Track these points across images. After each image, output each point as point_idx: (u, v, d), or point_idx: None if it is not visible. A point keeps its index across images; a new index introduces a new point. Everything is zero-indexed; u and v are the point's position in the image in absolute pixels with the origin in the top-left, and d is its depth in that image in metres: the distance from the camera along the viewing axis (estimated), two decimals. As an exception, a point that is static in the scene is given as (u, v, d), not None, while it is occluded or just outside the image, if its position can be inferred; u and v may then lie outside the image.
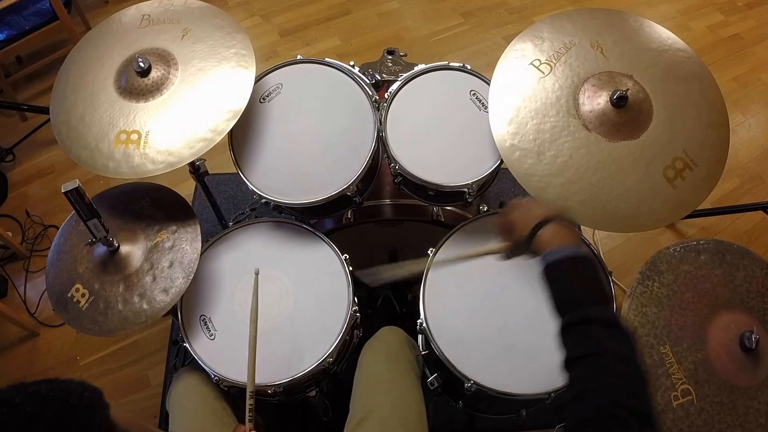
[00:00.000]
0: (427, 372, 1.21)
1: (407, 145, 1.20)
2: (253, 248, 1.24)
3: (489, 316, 1.12)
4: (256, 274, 1.02)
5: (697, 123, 1.08)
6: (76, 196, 0.94)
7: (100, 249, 1.10)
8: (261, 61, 2.04)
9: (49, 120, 1.28)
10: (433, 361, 1.19)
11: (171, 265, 1.10)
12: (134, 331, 1.22)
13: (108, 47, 1.22)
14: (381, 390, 1.08)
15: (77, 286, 1.09)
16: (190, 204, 1.19)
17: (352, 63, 1.31)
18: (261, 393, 1.10)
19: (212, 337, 1.13)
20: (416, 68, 1.28)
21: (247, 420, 0.92)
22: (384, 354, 1.15)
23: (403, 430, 1.02)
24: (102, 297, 1.08)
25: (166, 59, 1.17)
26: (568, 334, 0.68)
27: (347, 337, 1.18)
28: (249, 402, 0.93)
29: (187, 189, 2.01)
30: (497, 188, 2.03)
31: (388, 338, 1.19)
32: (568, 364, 0.66)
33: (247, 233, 1.26)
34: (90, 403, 0.45)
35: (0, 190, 2.13)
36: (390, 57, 1.55)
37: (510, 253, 0.88)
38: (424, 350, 1.18)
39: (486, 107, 1.21)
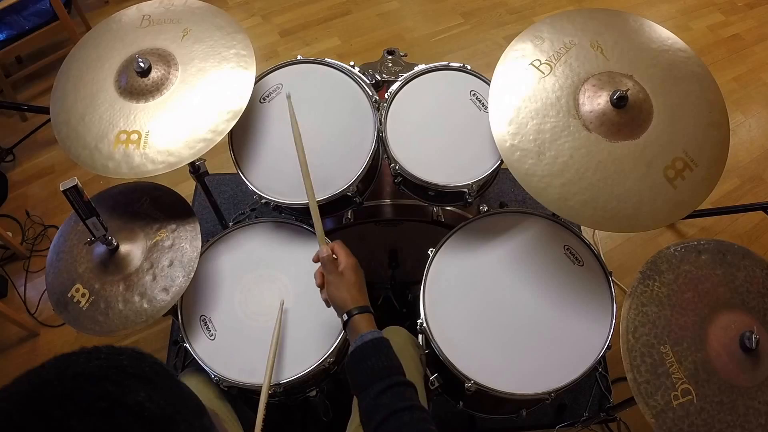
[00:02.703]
0: (428, 372, 1.21)
1: (407, 145, 1.20)
2: (254, 248, 1.24)
3: (489, 316, 1.12)
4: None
5: (697, 123, 1.08)
6: (74, 194, 0.94)
7: (100, 249, 1.10)
8: (261, 61, 2.04)
9: (49, 120, 1.28)
10: (433, 361, 1.19)
11: (171, 263, 1.10)
12: (135, 331, 1.22)
13: (108, 47, 1.22)
14: None
15: (77, 286, 1.09)
16: (190, 204, 1.19)
17: (352, 63, 1.31)
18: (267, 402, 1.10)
19: (212, 338, 1.13)
20: (416, 68, 1.28)
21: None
22: None
23: None
24: (102, 297, 1.08)
25: (167, 59, 1.17)
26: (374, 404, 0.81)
27: (348, 337, 1.18)
28: (261, 413, 0.96)
29: (187, 189, 2.01)
30: (497, 188, 2.03)
31: (391, 338, 1.18)
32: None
33: (247, 233, 1.26)
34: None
35: (0, 190, 2.13)
36: (390, 57, 1.55)
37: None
38: (424, 350, 1.18)
39: (486, 107, 1.21)
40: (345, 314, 0.93)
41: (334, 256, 0.97)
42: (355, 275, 0.95)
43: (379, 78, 1.49)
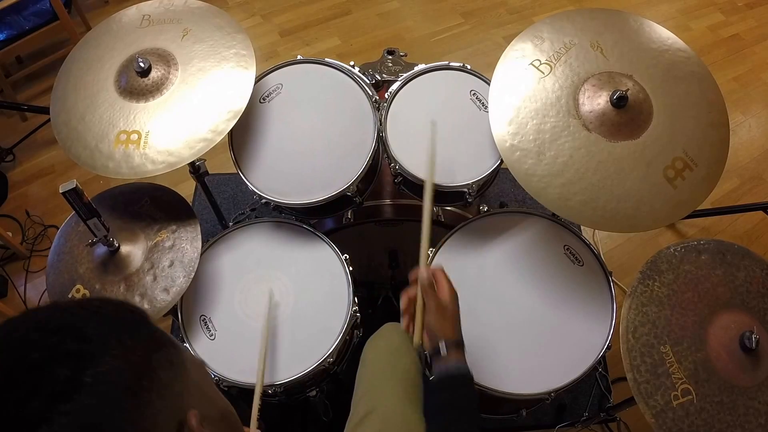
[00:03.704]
0: (427, 372, 1.21)
1: (407, 145, 1.20)
2: (254, 248, 1.24)
3: (489, 316, 1.12)
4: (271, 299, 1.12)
5: (697, 123, 1.08)
6: (74, 196, 0.94)
7: (101, 249, 1.10)
8: (261, 61, 2.04)
9: (49, 120, 1.29)
10: (433, 361, 1.19)
11: (171, 264, 1.10)
12: (134, 331, 1.22)
13: (108, 47, 1.22)
14: (383, 387, 1.08)
15: (78, 286, 1.09)
16: (191, 204, 1.19)
17: (352, 63, 1.31)
18: (261, 393, 1.10)
19: (212, 337, 1.13)
20: (416, 68, 1.28)
21: (253, 424, 0.93)
22: (386, 350, 1.15)
23: (405, 427, 1.02)
24: (102, 297, 1.08)
25: (166, 59, 1.17)
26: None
27: (347, 337, 1.18)
28: (257, 402, 0.95)
29: (187, 189, 2.01)
30: (497, 188, 2.03)
31: (389, 334, 1.18)
32: None
33: (247, 233, 1.26)
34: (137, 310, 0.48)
35: (0, 190, 2.13)
36: (390, 57, 1.55)
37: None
38: (423, 350, 1.18)
39: (486, 107, 1.21)
40: (443, 342, 0.90)
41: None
42: (457, 307, 0.93)
43: (379, 78, 1.49)
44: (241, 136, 1.23)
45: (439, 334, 0.90)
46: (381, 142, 1.22)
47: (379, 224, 1.40)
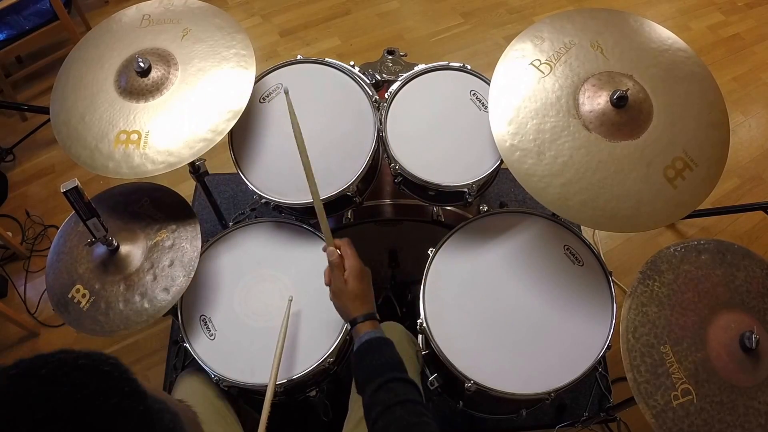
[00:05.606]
0: (428, 372, 1.21)
1: (407, 145, 1.20)
2: (254, 248, 1.24)
3: (489, 315, 1.12)
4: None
5: (697, 123, 1.08)
6: (75, 195, 0.94)
7: (100, 249, 1.10)
8: (261, 61, 2.04)
9: (49, 120, 1.29)
10: (433, 361, 1.19)
11: (171, 263, 1.10)
12: (135, 331, 1.22)
13: (108, 47, 1.22)
14: None
15: (78, 286, 1.09)
16: (190, 204, 1.19)
17: (352, 63, 1.31)
18: (261, 393, 1.10)
19: (212, 337, 1.13)
20: (416, 68, 1.28)
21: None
22: None
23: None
24: (103, 297, 1.08)
25: (166, 59, 1.17)
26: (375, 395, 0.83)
27: (347, 337, 1.18)
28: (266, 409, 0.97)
29: (187, 189, 2.01)
30: (497, 188, 2.03)
31: (387, 334, 1.19)
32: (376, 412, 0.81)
33: (247, 233, 1.26)
34: (119, 368, 0.45)
35: (0, 190, 2.13)
36: (390, 57, 1.55)
37: None
38: (424, 350, 1.18)
39: (486, 107, 1.21)
40: (348, 324, 0.94)
41: (339, 253, 0.98)
42: (359, 283, 0.95)
43: (379, 78, 1.49)
44: (241, 136, 1.23)
45: (344, 315, 0.96)
46: (381, 142, 1.22)
47: (379, 224, 1.40)
